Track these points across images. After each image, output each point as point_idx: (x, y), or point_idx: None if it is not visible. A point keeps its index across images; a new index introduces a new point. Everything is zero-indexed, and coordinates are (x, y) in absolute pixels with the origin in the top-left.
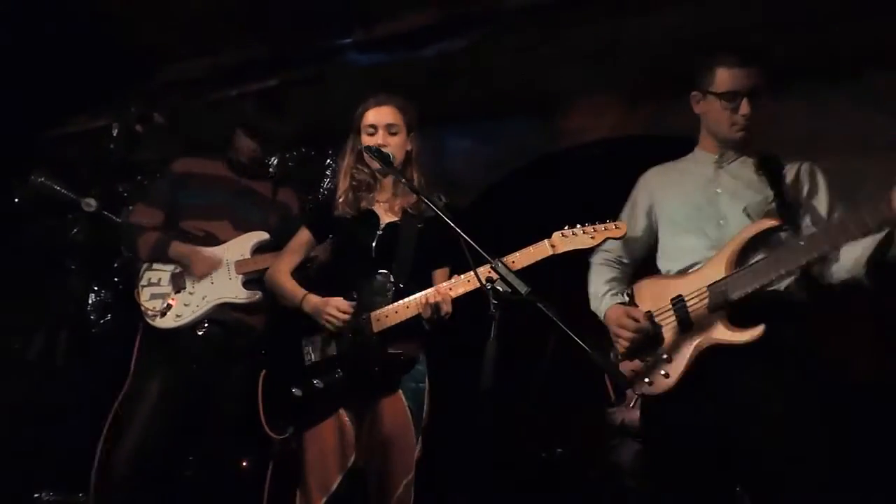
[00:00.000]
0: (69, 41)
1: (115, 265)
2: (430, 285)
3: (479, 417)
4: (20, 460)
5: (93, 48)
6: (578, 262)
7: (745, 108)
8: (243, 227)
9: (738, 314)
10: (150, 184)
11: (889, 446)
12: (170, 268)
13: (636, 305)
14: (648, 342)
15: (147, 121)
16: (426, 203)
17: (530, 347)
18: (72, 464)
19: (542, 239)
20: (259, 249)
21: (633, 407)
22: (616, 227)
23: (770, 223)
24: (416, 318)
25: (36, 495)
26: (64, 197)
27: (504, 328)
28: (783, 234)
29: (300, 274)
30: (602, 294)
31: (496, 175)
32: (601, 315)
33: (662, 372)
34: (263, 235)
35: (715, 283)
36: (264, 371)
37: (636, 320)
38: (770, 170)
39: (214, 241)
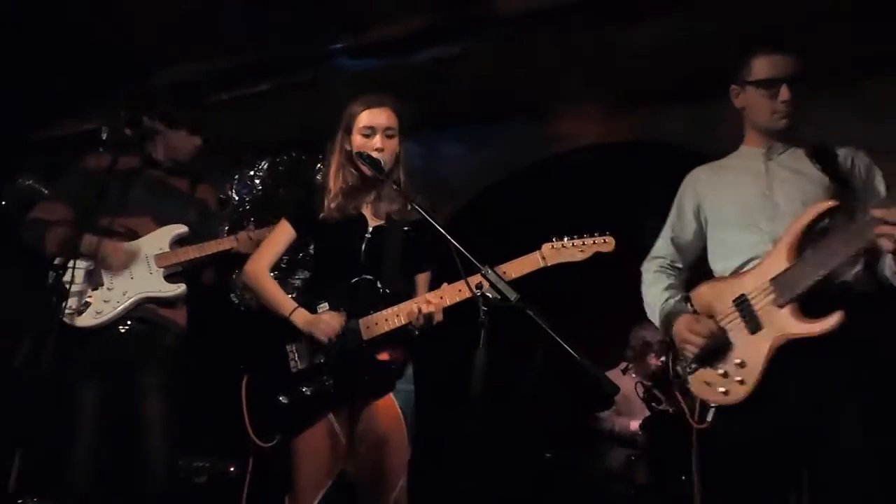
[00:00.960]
0: (59, 44)
1: None
2: (414, 290)
3: (469, 424)
4: (4, 467)
5: (83, 52)
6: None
7: (784, 94)
8: (164, 223)
9: (809, 306)
10: (57, 180)
11: None
12: (83, 264)
13: (696, 313)
14: (716, 350)
15: (136, 125)
16: (416, 209)
17: (520, 354)
18: (57, 470)
19: (533, 244)
20: (178, 243)
21: (620, 415)
22: (605, 242)
23: (827, 205)
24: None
25: (19, 501)
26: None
27: (493, 335)
28: (844, 218)
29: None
30: (663, 301)
31: (488, 180)
32: (661, 322)
33: (738, 378)
34: (182, 228)
35: (778, 275)
36: (246, 377)
37: (706, 328)
38: (823, 158)
39: (135, 237)
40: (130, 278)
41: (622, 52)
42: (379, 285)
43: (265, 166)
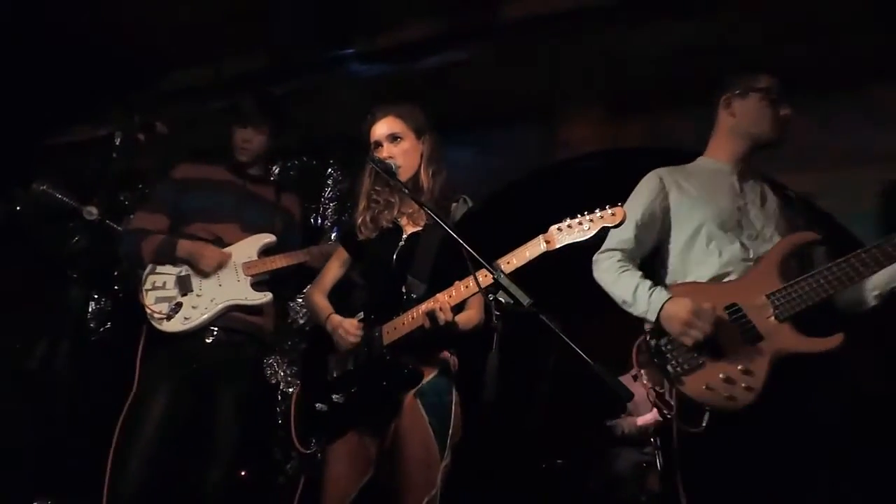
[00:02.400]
0: (72, 50)
1: (116, 273)
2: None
3: (482, 428)
4: (18, 468)
5: (95, 58)
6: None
7: (787, 109)
8: (251, 230)
9: (804, 324)
10: (151, 191)
11: None
12: (175, 270)
13: None
14: (711, 345)
15: (150, 130)
16: (428, 212)
17: (533, 359)
18: (70, 471)
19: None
20: (266, 252)
21: (629, 416)
22: (612, 215)
23: (812, 236)
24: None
25: (34, 503)
26: (65, 205)
27: (506, 340)
28: (820, 251)
29: (338, 293)
30: (648, 288)
31: (494, 185)
32: (650, 309)
33: (744, 385)
34: (270, 237)
35: (776, 291)
36: (299, 386)
37: (710, 313)
38: (783, 194)
39: (222, 244)
40: (219, 285)
41: (628, 58)
42: (403, 290)
43: (276, 171)
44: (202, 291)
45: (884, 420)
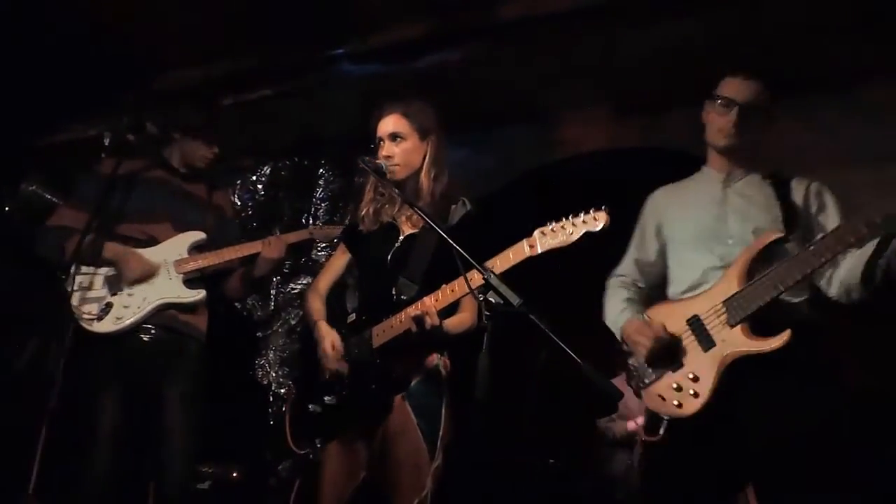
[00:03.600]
0: (62, 50)
1: None
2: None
3: (474, 430)
4: (8, 469)
5: (86, 58)
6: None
7: (732, 115)
8: (183, 229)
9: (759, 326)
10: (74, 186)
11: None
12: (102, 270)
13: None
14: (668, 357)
15: (140, 130)
16: (419, 214)
17: (523, 359)
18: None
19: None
20: (196, 249)
21: (621, 419)
22: (594, 219)
23: (776, 234)
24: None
25: None
26: (55, 205)
27: (497, 340)
28: (790, 247)
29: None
30: (619, 311)
31: (490, 186)
32: (618, 331)
33: (691, 392)
34: (200, 235)
35: (731, 297)
36: (292, 387)
37: (653, 329)
38: (777, 187)
39: (156, 243)
40: (150, 284)
41: (625, 57)
42: (393, 292)
43: (268, 171)
44: (133, 290)
45: (873, 419)
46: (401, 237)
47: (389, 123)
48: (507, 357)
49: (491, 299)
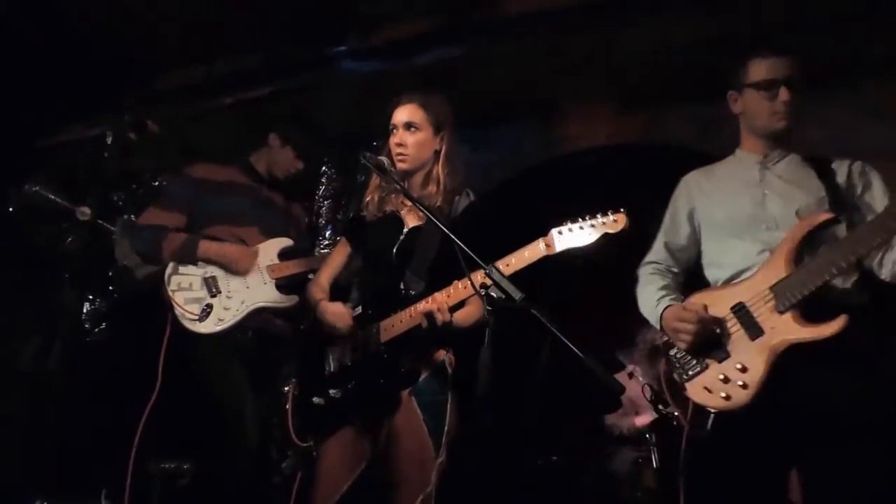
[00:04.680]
0: (64, 50)
1: (110, 274)
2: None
3: (476, 424)
4: (15, 469)
5: (88, 58)
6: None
7: (784, 94)
8: (268, 234)
9: (809, 312)
10: (164, 187)
11: None
12: (199, 272)
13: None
14: (712, 346)
15: (141, 129)
16: (420, 208)
17: (525, 354)
18: (67, 472)
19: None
20: (284, 256)
21: (626, 416)
22: (614, 221)
23: (825, 216)
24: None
25: None
26: (58, 206)
27: (499, 334)
28: (838, 229)
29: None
30: (657, 300)
31: (492, 181)
32: (657, 321)
33: (740, 383)
34: (288, 241)
35: (777, 283)
36: (295, 380)
37: (695, 312)
38: (820, 168)
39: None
40: (246, 287)
41: (628, 53)
42: (402, 287)
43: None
44: (231, 293)
45: None
46: (405, 229)
47: (406, 112)
48: (509, 352)
49: (493, 294)
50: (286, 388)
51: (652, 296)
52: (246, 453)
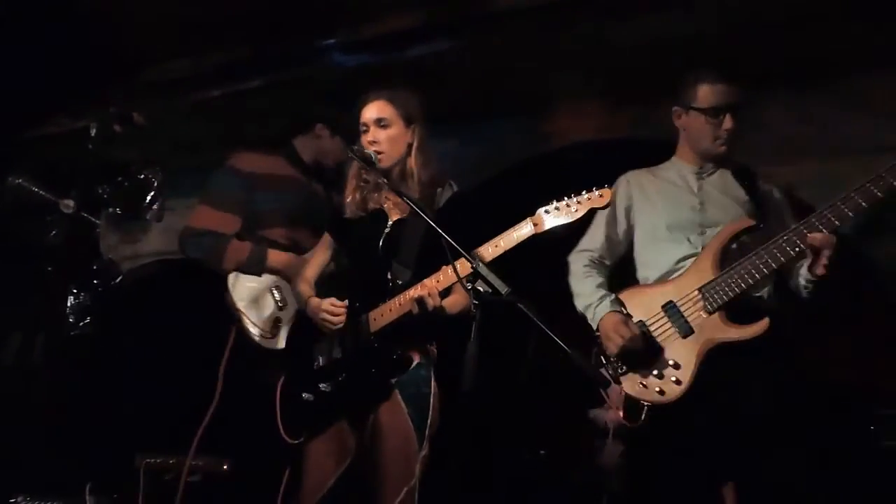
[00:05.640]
0: (49, 41)
1: (95, 267)
2: None
3: (461, 418)
4: None
5: (73, 48)
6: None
7: (728, 122)
8: (319, 235)
9: (735, 314)
10: (212, 184)
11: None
12: (264, 283)
13: (629, 316)
14: (642, 351)
15: (126, 121)
16: (407, 203)
17: (511, 348)
18: (48, 468)
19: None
20: None
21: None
22: (600, 196)
23: (747, 222)
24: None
25: (12, 501)
26: (42, 198)
27: (485, 329)
28: (760, 235)
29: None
30: (598, 299)
31: (481, 176)
32: (594, 319)
33: (673, 378)
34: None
35: (706, 284)
36: (283, 376)
37: (630, 330)
38: (747, 182)
39: (299, 249)
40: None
41: (618, 48)
42: (389, 277)
43: None
44: (289, 305)
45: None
46: (390, 222)
47: (375, 109)
48: (495, 346)
49: (479, 288)
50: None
51: (591, 293)
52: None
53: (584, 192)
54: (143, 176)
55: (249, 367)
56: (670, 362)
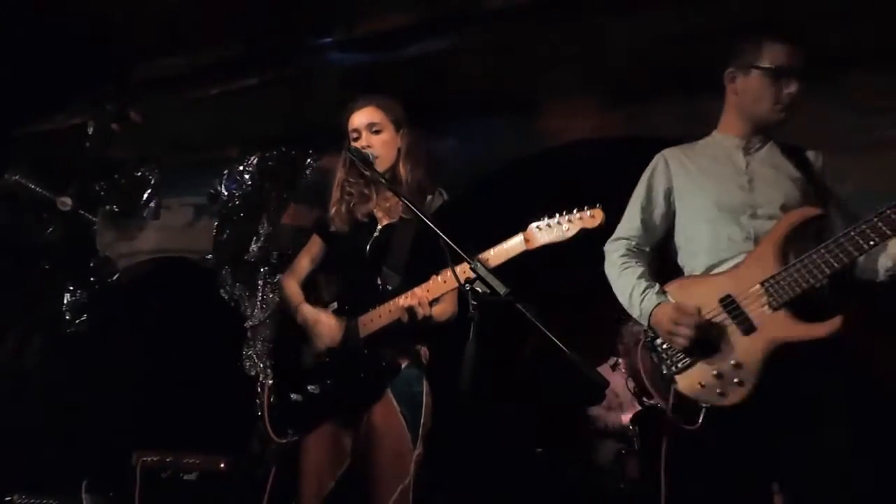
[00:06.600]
0: (46, 38)
1: (91, 265)
2: None
3: (459, 418)
4: None
5: (70, 45)
6: (559, 259)
7: (793, 86)
8: None
9: (802, 310)
10: (303, 183)
11: None
12: None
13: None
14: (706, 345)
15: (123, 119)
16: (405, 202)
17: (510, 348)
18: (43, 467)
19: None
20: None
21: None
22: (591, 217)
23: (813, 212)
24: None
25: (8, 499)
26: (39, 195)
27: (483, 329)
28: (827, 223)
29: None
30: (642, 291)
31: (476, 175)
32: (644, 314)
33: (736, 380)
34: None
35: (770, 278)
36: (272, 376)
37: (693, 317)
38: (797, 157)
39: None
40: None
41: (610, 46)
42: (378, 282)
43: (254, 161)
44: None
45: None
46: (378, 227)
47: (365, 115)
48: (493, 346)
49: (477, 289)
50: (264, 383)
51: (634, 285)
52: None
53: (575, 211)
54: (139, 173)
55: None
56: (732, 362)
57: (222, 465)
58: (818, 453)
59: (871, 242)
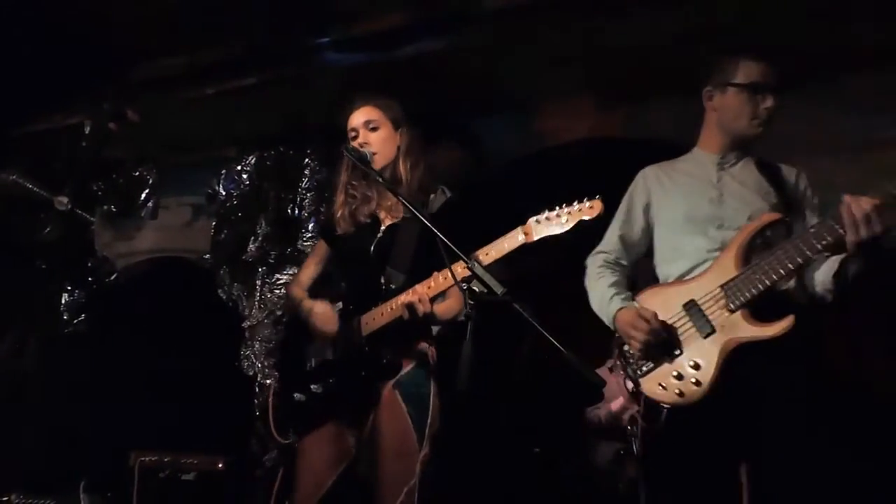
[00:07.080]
0: (43, 37)
1: (89, 265)
2: None
3: (456, 417)
4: None
5: (68, 45)
6: (559, 259)
7: (769, 101)
8: None
9: (759, 311)
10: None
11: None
12: None
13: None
14: (664, 348)
15: (120, 118)
16: (404, 203)
17: (507, 347)
18: (42, 466)
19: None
20: None
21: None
22: (590, 207)
23: (771, 217)
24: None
25: (6, 499)
26: (36, 195)
27: (480, 329)
28: (787, 230)
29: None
30: (609, 297)
31: (473, 176)
32: (609, 319)
33: (693, 380)
34: None
35: (728, 281)
36: (276, 376)
37: (648, 321)
38: (771, 173)
39: None
40: None
41: (607, 47)
42: (382, 281)
43: (252, 161)
44: None
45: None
46: (382, 227)
47: (363, 114)
48: (490, 345)
49: (475, 288)
50: (268, 383)
51: (603, 293)
52: None
53: (574, 203)
54: (137, 173)
55: None
56: (690, 363)
57: (220, 466)
58: (779, 446)
59: (824, 242)
